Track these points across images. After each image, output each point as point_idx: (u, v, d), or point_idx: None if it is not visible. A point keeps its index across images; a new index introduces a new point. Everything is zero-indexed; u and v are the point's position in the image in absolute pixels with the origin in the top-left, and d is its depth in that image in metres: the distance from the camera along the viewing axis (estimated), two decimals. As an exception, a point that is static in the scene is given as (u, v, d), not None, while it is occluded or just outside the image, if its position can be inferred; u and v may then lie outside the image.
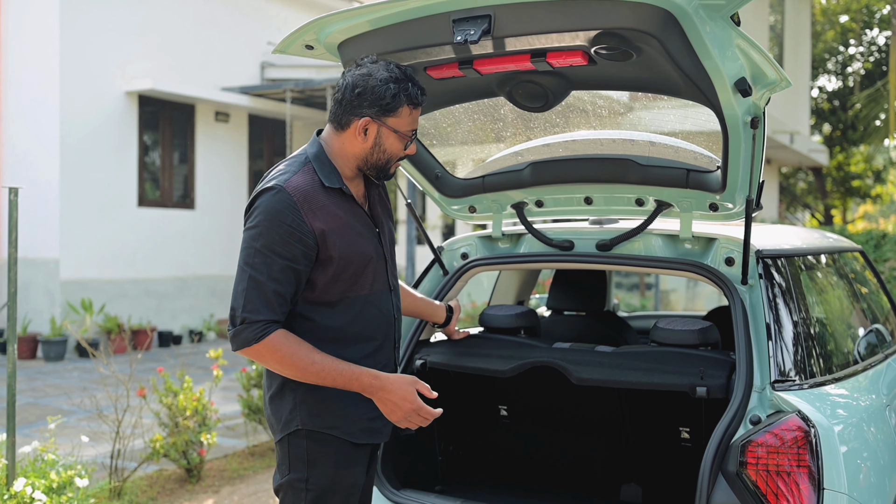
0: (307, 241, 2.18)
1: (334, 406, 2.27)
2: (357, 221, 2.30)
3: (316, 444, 2.27)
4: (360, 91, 2.23)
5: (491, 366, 2.95)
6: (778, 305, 2.67)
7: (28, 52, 10.77)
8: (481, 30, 2.22)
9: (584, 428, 3.29)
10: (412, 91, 2.26)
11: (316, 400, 2.26)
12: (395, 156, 2.32)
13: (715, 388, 2.60)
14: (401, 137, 2.29)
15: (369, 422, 2.32)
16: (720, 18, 2.13)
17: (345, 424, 2.28)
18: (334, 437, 2.27)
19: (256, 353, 2.18)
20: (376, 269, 2.34)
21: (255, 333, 2.15)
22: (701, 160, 2.78)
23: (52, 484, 3.80)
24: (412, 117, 2.29)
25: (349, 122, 2.27)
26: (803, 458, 2.25)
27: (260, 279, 2.15)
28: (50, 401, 7.58)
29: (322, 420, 2.27)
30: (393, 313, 2.40)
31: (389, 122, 2.26)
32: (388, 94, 2.22)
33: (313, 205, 2.20)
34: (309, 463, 2.28)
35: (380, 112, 2.23)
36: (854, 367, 2.95)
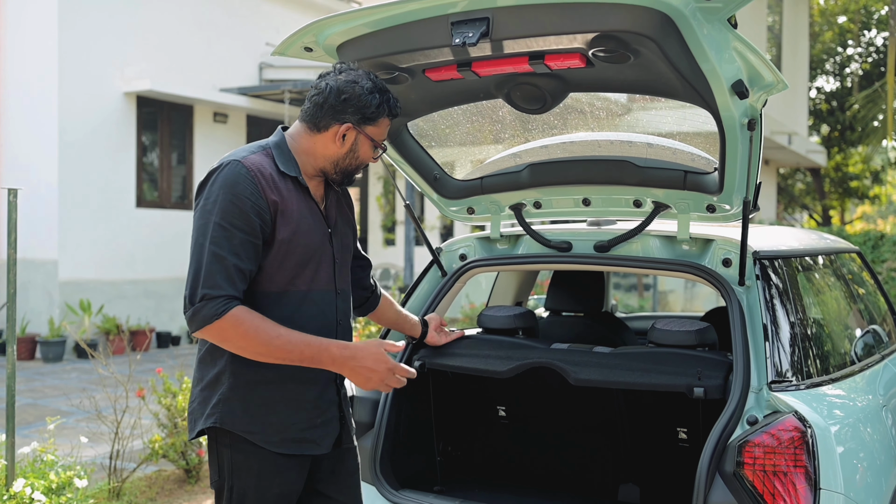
0: (264, 215, 2.14)
1: (256, 410, 2.20)
2: (308, 213, 2.26)
3: (239, 454, 2.21)
4: (347, 98, 2.23)
5: (489, 367, 2.96)
6: (775, 306, 2.68)
7: (27, 53, 10.77)
8: (479, 32, 2.23)
9: (581, 428, 3.30)
10: (392, 102, 2.30)
11: (240, 399, 2.20)
12: (364, 163, 2.34)
13: (712, 388, 2.61)
14: (374, 146, 2.32)
15: (301, 431, 2.25)
16: (717, 21, 2.14)
17: (263, 432, 2.20)
18: (255, 445, 2.20)
19: (219, 331, 2.07)
20: (320, 266, 2.28)
21: (215, 309, 2.05)
22: (698, 162, 2.80)
23: (51, 484, 3.81)
24: (386, 127, 2.34)
25: (328, 126, 2.26)
26: (800, 459, 2.26)
27: (220, 253, 2.08)
28: (49, 401, 7.59)
29: (241, 422, 2.19)
30: (336, 317, 2.33)
31: (368, 130, 2.28)
32: (373, 103, 2.24)
33: (269, 181, 2.18)
34: (233, 472, 2.23)
35: (361, 120, 2.26)
36: (851, 368, 2.96)
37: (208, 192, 2.16)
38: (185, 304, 2.11)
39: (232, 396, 2.20)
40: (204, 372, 2.26)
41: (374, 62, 2.48)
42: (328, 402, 2.32)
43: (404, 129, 2.97)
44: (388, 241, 14.98)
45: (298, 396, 2.25)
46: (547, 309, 3.89)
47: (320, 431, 2.29)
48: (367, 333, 6.73)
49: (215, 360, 2.23)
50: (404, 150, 3.02)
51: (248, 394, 2.20)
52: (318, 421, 2.30)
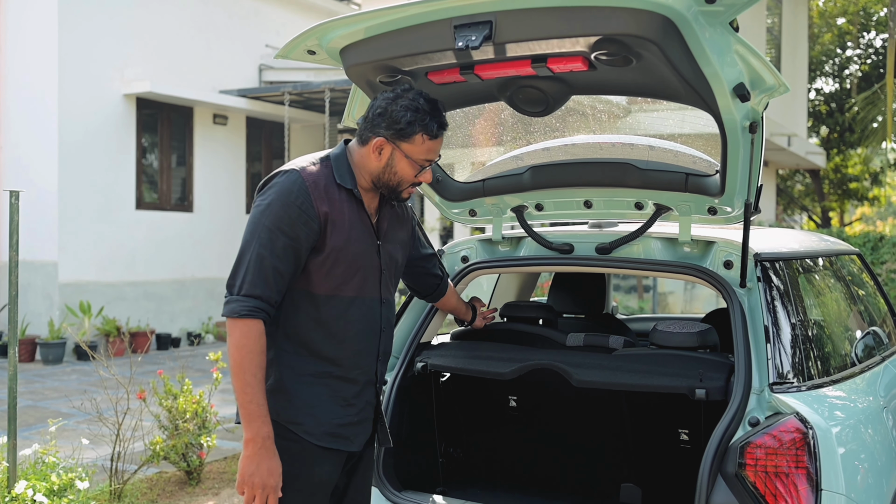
0: (312, 224, 2.25)
1: (300, 403, 2.31)
2: (359, 224, 2.37)
3: (283, 441, 2.29)
4: (381, 112, 2.32)
5: (491, 368, 2.96)
6: (776, 308, 2.69)
7: (27, 55, 10.77)
8: (482, 35, 2.24)
9: (583, 429, 3.31)
10: (429, 122, 2.32)
11: (287, 390, 2.31)
12: (406, 180, 2.39)
13: (714, 390, 2.62)
14: (412, 164, 2.36)
15: (337, 427, 2.35)
16: (719, 24, 2.15)
17: (307, 423, 2.31)
18: (298, 436, 2.30)
19: (231, 326, 2.22)
20: (367, 275, 2.38)
21: (241, 309, 2.21)
22: (700, 164, 2.80)
23: (52, 486, 3.81)
24: (427, 147, 2.35)
25: (368, 139, 2.36)
26: (801, 460, 2.27)
27: (263, 254, 2.22)
28: (49, 403, 7.59)
29: (287, 413, 2.30)
30: (380, 324, 2.44)
31: (403, 146, 2.33)
32: (403, 119, 2.30)
33: (323, 192, 2.29)
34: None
35: (395, 135, 2.32)
36: (852, 370, 2.97)
37: (266, 195, 2.28)
38: (227, 290, 2.27)
39: (279, 388, 2.31)
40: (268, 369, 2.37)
41: (377, 65, 2.49)
42: (365, 402, 2.43)
43: None
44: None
45: (340, 393, 2.36)
46: (549, 310, 3.89)
47: (355, 429, 2.39)
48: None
49: (268, 347, 2.32)
50: None
51: (295, 386, 2.31)
52: (356, 419, 2.39)
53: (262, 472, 2.21)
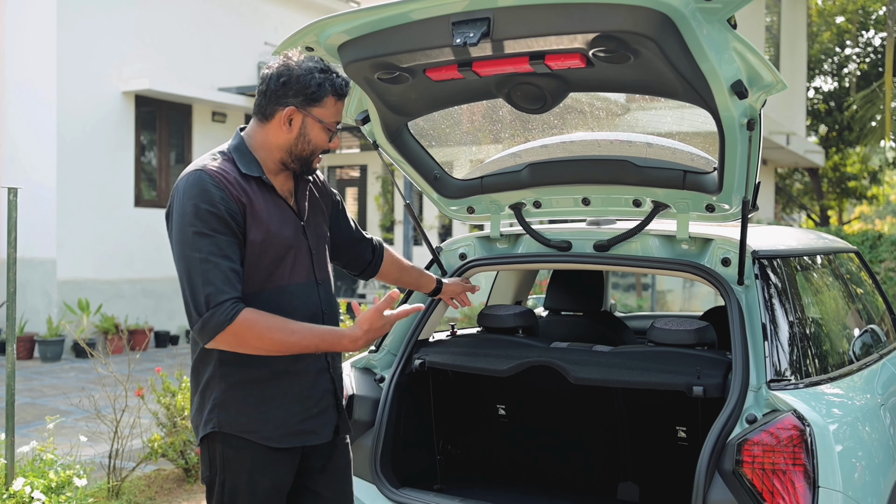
0: (237, 218, 2.14)
1: (253, 409, 2.21)
2: (277, 211, 2.25)
3: (231, 448, 2.22)
4: (285, 80, 2.21)
5: (489, 365, 2.97)
6: (774, 306, 2.69)
7: (26, 53, 10.76)
8: (480, 32, 2.24)
9: (581, 427, 3.31)
10: (337, 81, 2.24)
11: (235, 401, 2.21)
12: (320, 147, 2.28)
13: (711, 387, 2.62)
14: (325, 129, 2.26)
15: (300, 423, 2.27)
16: (717, 21, 2.15)
17: (264, 429, 2.22)
18: (250, 441, 2.21)
19: (233, 336, 2.05)
20: (297, 259, 2.27)
21: (225, 315, 2.03)
22: (697, 161, 2.80)
23: (50, 483, 3.81)
24: (337, 109, 2.27)
25: (273, 113, 2.24)
26: (799, 457, 2.27)
27: (212, 259, 2.06)
28: (47, 401, 7.59)
29: (238, 423, 2.21)
30: (320, 307, 2.32)
31: (314, 112, 2.23)
32: (312, 83, 2.20)
33: (233, 185, 2.17)
34: (224, 466, 2.23)
35: (305, 102, 2.22)
36: (849, 367, 2.97)
37: (179, 206, 2.14)
38: (193, 318, 2.08)
39: (225, 400, 2.21)
40: (197, 379, 2.28)
41: (375, 62, 2.49)
42: (322, 391, 2.32)
43: (404, 128, 2.97)
44: (387, 241, 14.99)
45: (292, 389, 2.25)
46: (546, 308, 3.90)
47: (318, 421, 2.31)
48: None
49: (206, 365, 2.24)
50: (405, 149, 3.02)
51: (240, 395, 2.21)
52: (315, 411, 2.30)
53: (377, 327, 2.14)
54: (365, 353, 3.19)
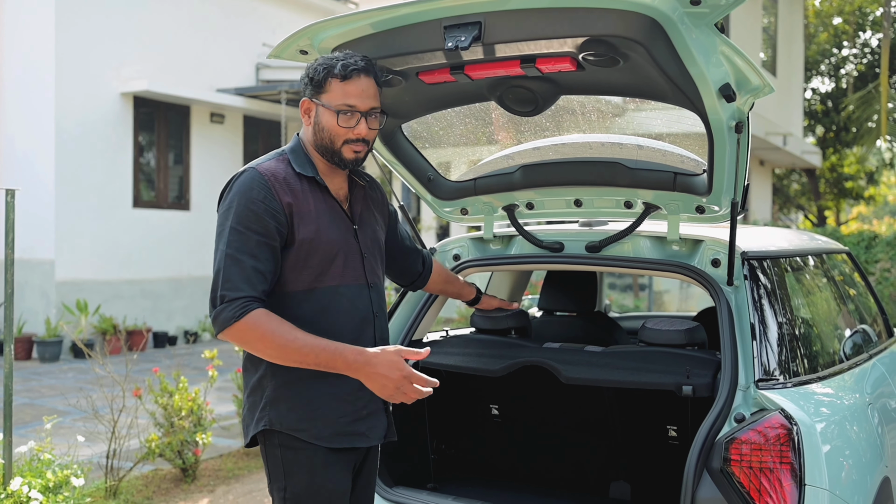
0: (279, 217, 2.18)
1: (302, 407, 2.23)
2: (328, 212, 2.29)
3: (290, 451, 2.24)
4: (302, 76, 2.34)
5: (482, 365, 3.00)
6: (763, 306, 2.72)
7: (24, 54, 10.79)
8: (472, 36, 2.27)
9: (574, 427, 3.34)
10: (336, 65, 2.26)
11: (285, 399, 2.23)
12: (336, 134, 2.27)
13: (700, 386, 2.65)
14: (331, 112, 2.26)
15: (349, 424, 2.27)
16: (705, 26, 2.18)
17: (314, 427, 2.23)
18: (306, 442, 2.23)
19: (238, 333, 2.11)
20: (347, 261, 2.30)
21: (234, 312, 2.10)
22: (688, 163, 2.83)
23: (48, 483, 3.83)
24: (343, 91, 2.25)
25: (301, 112, 2.37)
26: (786, 455, 2.30)
27: (237, 256, 2.14)
28: (45, 401, 7.61)
29: (287, 420, 2.22)
30: (371, 310, 2.34)
31: (322, 98, 2.27)
32: (317, 73, 2.27)
33: (284, 185, 2.23)
34: (285, 472, 2.25)
35: (313, 91, 2.28)
36: (838, 367, 3.00)
37: (226, 199, 2.23)
38: (210, 308, 2.17)
39: (277, 397, 2.23)
40: (248, 379, 2.32)
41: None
42: (371, 393, 2.24)
43: (398, 130, 3.00)
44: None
45: (340, 389, 2.25)
46: (540, 308, 3.93)
47: (367, 423, 2.31)
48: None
49: (255, 365, 2.28)
50: (398, 151, 3.05)
51: (291, 392, 2.23)
52: (364, 412, 2.30)
53: (385, 376, 2.09)
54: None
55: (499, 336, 3.20)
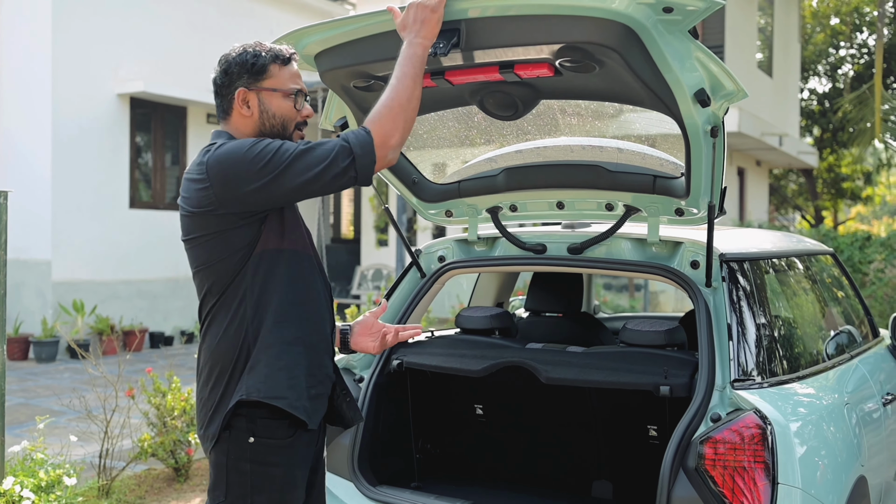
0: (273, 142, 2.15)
1: (281, 373, 2.14)
2: None
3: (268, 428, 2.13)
4: (225, 69, 2.23)
5: (464, 365, 3.04)
6: (741, 307, 2.76)
7: (21, 55, 10.82)
8: (450, 43, 2.31)
9: (557, 427, 3.38)
10: (275, 48, 2.25)
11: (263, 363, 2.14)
12: (289, 118, 2.26)
13: (678, 386, 2.69)
14: (284, 95, 2.24)
15: (308, 400, 2.18)
16: (678, 32, 2.22)
17: (290, 394, 2.14)
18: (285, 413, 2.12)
19: (378, 140, 2.10)
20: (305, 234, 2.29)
21: (361, 138, 2.09)
22: (667, 167, 2.87)
23: (40, 482, 3.87)
24: (286, 74, 2.25)
25: (231, 104, 2.24)
26: (759, 454, 2.34)
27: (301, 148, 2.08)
28: (41, 401, 7.65)
29: (267, 388, 2.12)
30: (325, 279, 2.33)
31: (265, 84, 2.22)
32: (248, 57, 2.21)
33: None
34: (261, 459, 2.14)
35: (251, 78, 2.22)
36: (818, 367, 3.04)
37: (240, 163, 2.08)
38: (337, 168, 2.07)
39: (255, 363, 2.14)
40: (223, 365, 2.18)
41: (350, 71, 2.56)
42: (325, 375, 2.26)
43: None
44: (381, 242, 15.06)
45: (308, 360, 2.20)
46: (527, 310, 3.97)
47: (315, 404, 2.22)
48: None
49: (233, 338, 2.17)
50: None
51: (270, 357, 2.15)
52: (315, 392, 2.22)
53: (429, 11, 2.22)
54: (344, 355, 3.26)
55: (483, 336, 3.24)
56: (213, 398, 2.20)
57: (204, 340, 2.26)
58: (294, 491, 2.21)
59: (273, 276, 2.18)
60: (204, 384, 2.24)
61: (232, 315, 2.18)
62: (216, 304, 2.21)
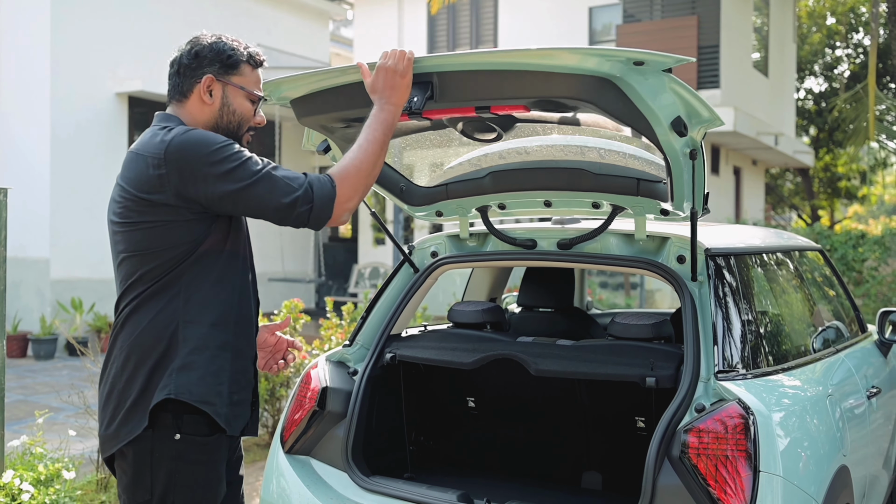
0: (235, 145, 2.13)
1: (210, 378, 2.10)
2: None
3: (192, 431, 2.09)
4: (198, 51, 2.17)
5: (455, 358, 3.09)
6: (726, 301, 2.81)
7: (20, 54, 10.87)
8: (424, 96, 2.31)
9: (547, 419, 3.44)
10: (251, 50, 2.24)
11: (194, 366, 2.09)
12: (246, 119, 2.24)
13: (663, 378, 2.75)
14: (248, 96, 2.22)
15: (230, 406, 2.14)
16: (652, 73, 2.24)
17: (217, 401, 2.10)
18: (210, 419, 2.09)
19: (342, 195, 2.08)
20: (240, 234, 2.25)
21: (319, 178, 2.08)
22: (651, 168, 2.92)
23: (39, 476, 3.92)
24: (254, 78, 2.25)
25: (191, 88, 2.18)
26: (741, 443, 2.39)
27: (267, 170, 2.06)
28: (40, 398, 7.70)
29: (198, 391, 2.07)
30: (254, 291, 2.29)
31: (234, 79, 2.20)
32: (226, 48, 2.18)
33: None
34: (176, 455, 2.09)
35: (222, 69, 2.18)
36: (802, 360, 3.10)
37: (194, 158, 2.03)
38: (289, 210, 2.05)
39: (187, 364, 2.08)
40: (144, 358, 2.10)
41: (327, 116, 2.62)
42: (247, 380, 2.22)
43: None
44: (378, 241, 15.11)
45: (233, 366, 2.15)
46: (519, 305, 4.02)
47: (237, 410, 2.17)
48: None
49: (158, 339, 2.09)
50: None
51: (201, 360, 2.09)
52: (237, 398, 2.17)
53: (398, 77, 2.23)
54: (339, 348, 3.32)
55: (475, 330, 3.30)
56: (129, 391, 2.10)
57: (122, 329, 2.15)
58: (219, 485, 2.18)
59: (212, 275, 2.13)
60: (118, 374, 2.13)
61: (162, 307, 2.10)
62: (144, 292, 2.11)
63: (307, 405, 3.05)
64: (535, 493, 3.29)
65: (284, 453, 3.07)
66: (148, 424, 2.08)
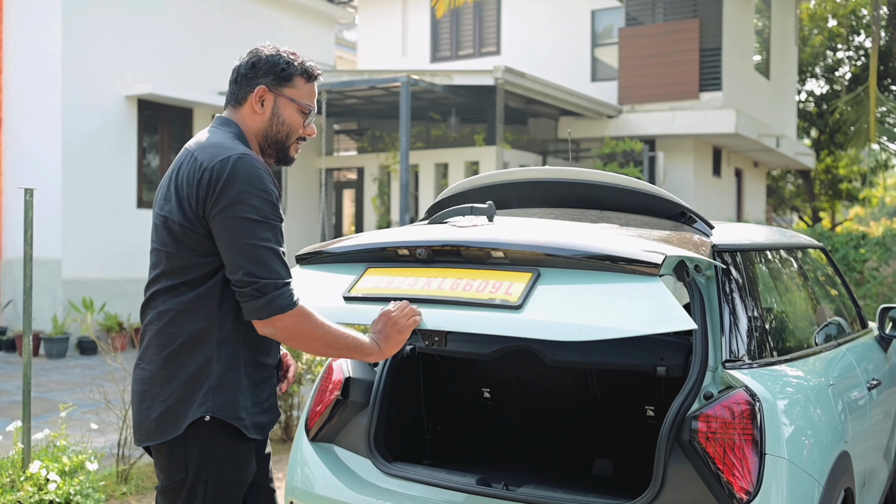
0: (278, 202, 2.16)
1: (241, 395, 2.18)
2: None
3: (214, 445, 2.17)
4: (255, 62, 2.26)
5: (472, 349, 3.22)
6: (733, 294, 2.94)
7: (31, 58, 11.01)
8: (427, 344, 2.53)
9: (560, 408, 3.57)
10: (306, 63, 2.28)
11: (229, 384, 2.16)
12: (295, 130, 2.29)
13: (674, 367, 2.87)
14: (299, 109, 2.27)
15: (258, 414, 2.24)
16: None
17: (244, 416, 2.19)
18: (240, 432, 2.18)
19: (291, 320, 2.07)
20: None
21: (290, 298, 2.07)
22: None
23: (64, 467, 4.04)
24: (307, 90, 2.29)
25: (245, 96, 2.26)
26: (748, 428, 2.52)
27: (273, 247, 2.08)
28: (54, 395, 7.82)
29: (233, 409, 2.16)
30: None
31: (286, 91, 2.25)
32: (281, 61, 2.24)
33: (269, 171, 2.18)
34: (208, 463, 2.17)
35: (275, 81, 2.25)
36: (804, 352, 3.22)
37: (235, 187, 2.08)
38: (258, 292, 2.06)
39: (222, 384, 2.15)
40: (183, 365, 2.16)
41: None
42: (272, 387, 2.31)
43: None
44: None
45: (257, 377, 2.23)
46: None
47: (268, 416, 2.28)
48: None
49: (198, 349, 2.16)
50: None
51: (234, 378, 2.16)
52: (266, 405, 2.27)
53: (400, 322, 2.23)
54: None
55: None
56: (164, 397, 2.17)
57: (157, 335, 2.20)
58: (249, 463, 2.26)
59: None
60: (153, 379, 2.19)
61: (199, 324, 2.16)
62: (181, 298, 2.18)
63: (330, 396, 3.17)
64: (547, 478, 3.41)
65: (309, 441, 3.19)
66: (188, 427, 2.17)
